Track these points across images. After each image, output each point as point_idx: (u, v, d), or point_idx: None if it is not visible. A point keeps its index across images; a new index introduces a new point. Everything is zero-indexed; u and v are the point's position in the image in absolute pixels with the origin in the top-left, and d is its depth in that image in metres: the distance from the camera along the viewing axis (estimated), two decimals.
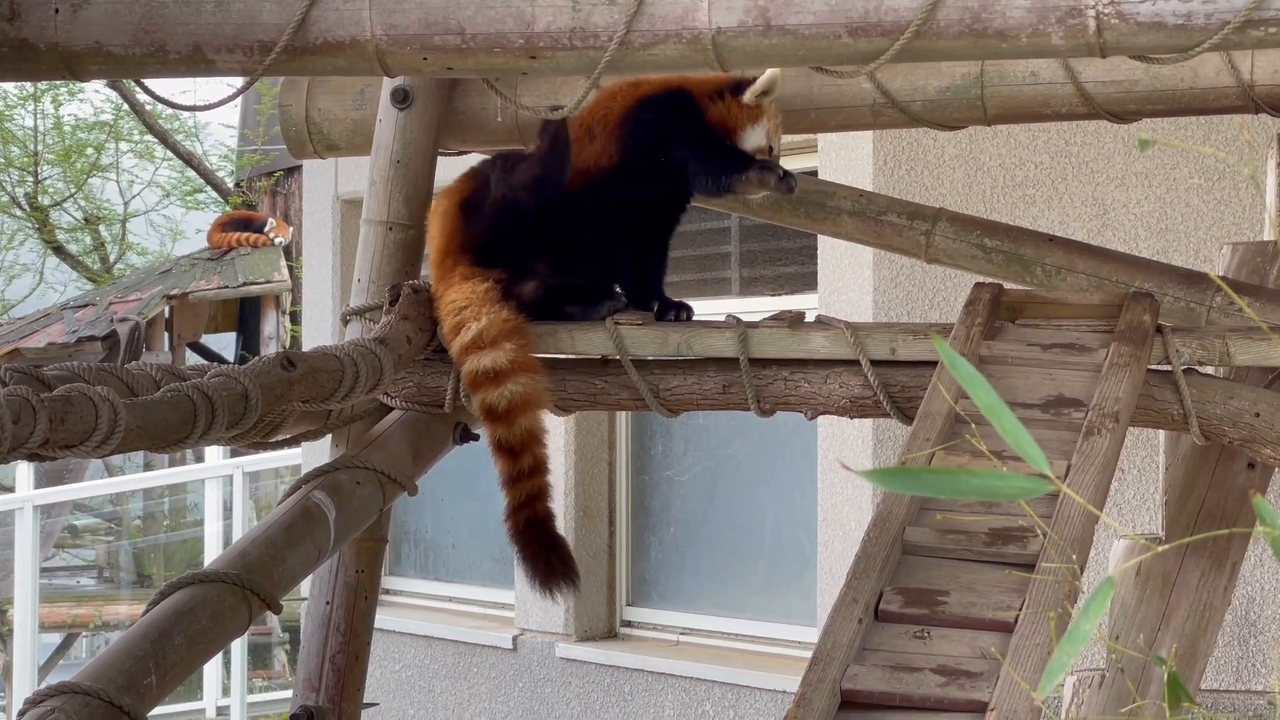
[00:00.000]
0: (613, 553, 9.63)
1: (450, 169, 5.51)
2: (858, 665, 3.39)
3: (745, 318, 4.84)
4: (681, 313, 4.88)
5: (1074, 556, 3.49)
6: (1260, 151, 7.12)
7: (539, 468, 4.71)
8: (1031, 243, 5.12)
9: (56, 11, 3.93)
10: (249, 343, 20.00)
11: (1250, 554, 6.53)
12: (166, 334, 19.11)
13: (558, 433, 9.29)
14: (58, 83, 21.21)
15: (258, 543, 4.25)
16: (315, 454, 8.38)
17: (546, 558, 4.68)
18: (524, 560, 4.71)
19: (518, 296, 4.78)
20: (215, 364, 4.97)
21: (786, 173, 4.78)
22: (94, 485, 17.73)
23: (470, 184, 4.89)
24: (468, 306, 4.73)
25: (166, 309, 18.89)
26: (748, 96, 4.72)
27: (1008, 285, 4.78)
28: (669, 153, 4.77)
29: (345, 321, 5.15)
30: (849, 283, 8.06)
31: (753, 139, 4.77)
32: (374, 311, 5.02)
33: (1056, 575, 3.46)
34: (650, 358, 4.86)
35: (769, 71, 4.66)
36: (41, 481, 16.06)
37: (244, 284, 19.08)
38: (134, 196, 25.60)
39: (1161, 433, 5.26)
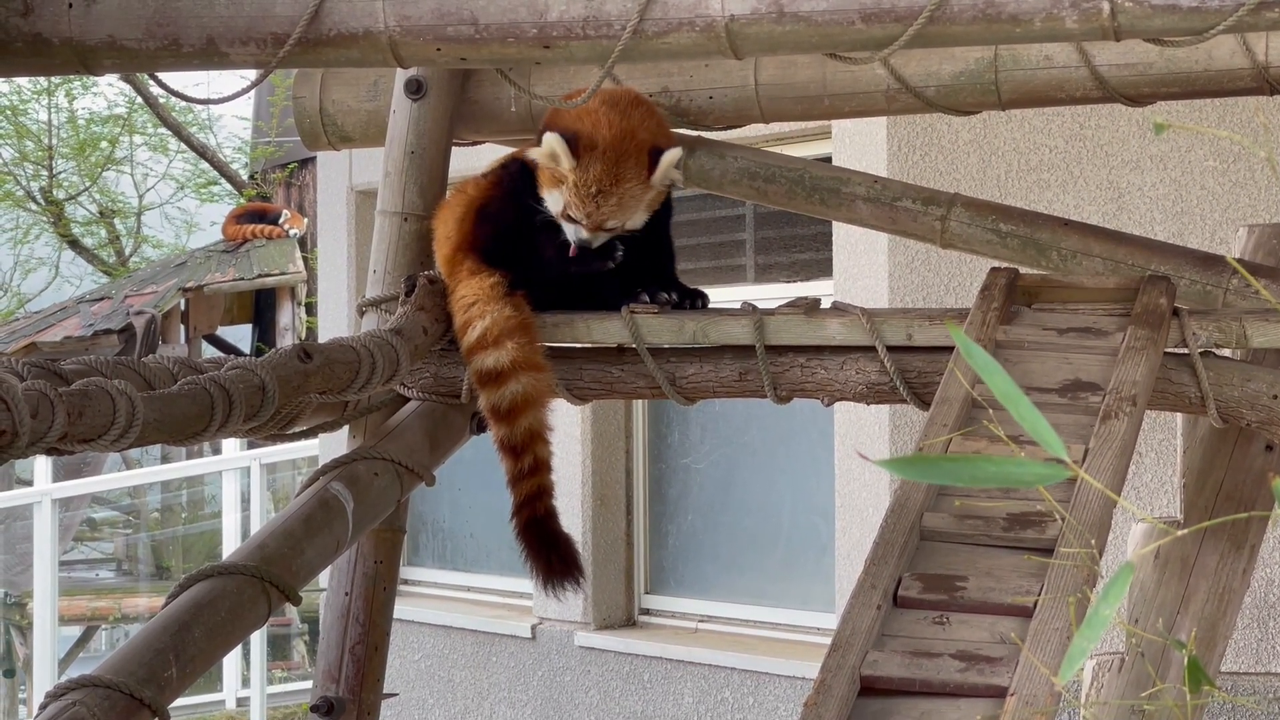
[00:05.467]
0: (630, 541, 9.64)
1: (465, 159, 5.51)
2: (877, 651, 3.39)
3: (761, 304, 4.84)
4: (698, 300, 4.89)
5: (1093, 541, 3.49)
6: (1275, 133, 7.10)
7: (540, 467, 4.71)
8: (1047, 227, 5.11)
9: (70, 6, 3.94)
10: (265, 334, 20.03)
11: (1269, 536, 6.54)
12: (182, 326, 19.14)
13: (574, 421, 9.30)
14: (71, 76, 21.21)
15: (276, 535, 4.25)
16: (332, 445, 8.39)
17: (547, 556, 4.69)
18: (527, 559, 4.73)
19: (528, 288, 4.79)
20: (232, 356, 4.97)
21: (579, 243, 4.73)
22: (112, 478, 17.78)
23: (491, 191, 4.88)
24: (475, 303, 4.73)
25: (182, 301, 18.92)
26: (534, 154, 4.67)
27: (1023, 270, 4.77)
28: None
29: (361, 313, 5.15)
30: (864, 269, 8.06)
31: (551, 203, 4.72)
32: (390, 302, 5.02)
33: (1075, 560, 3.46)
34: (666, 346, 4.86)
35: (549, 137, 4.58)
36: (59, 475, 16.10)
37: (259, 276, 19.12)
38: (148, 189, 25.66)
39: (1179, 416, 5.26)
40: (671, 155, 4.70)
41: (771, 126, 6.26)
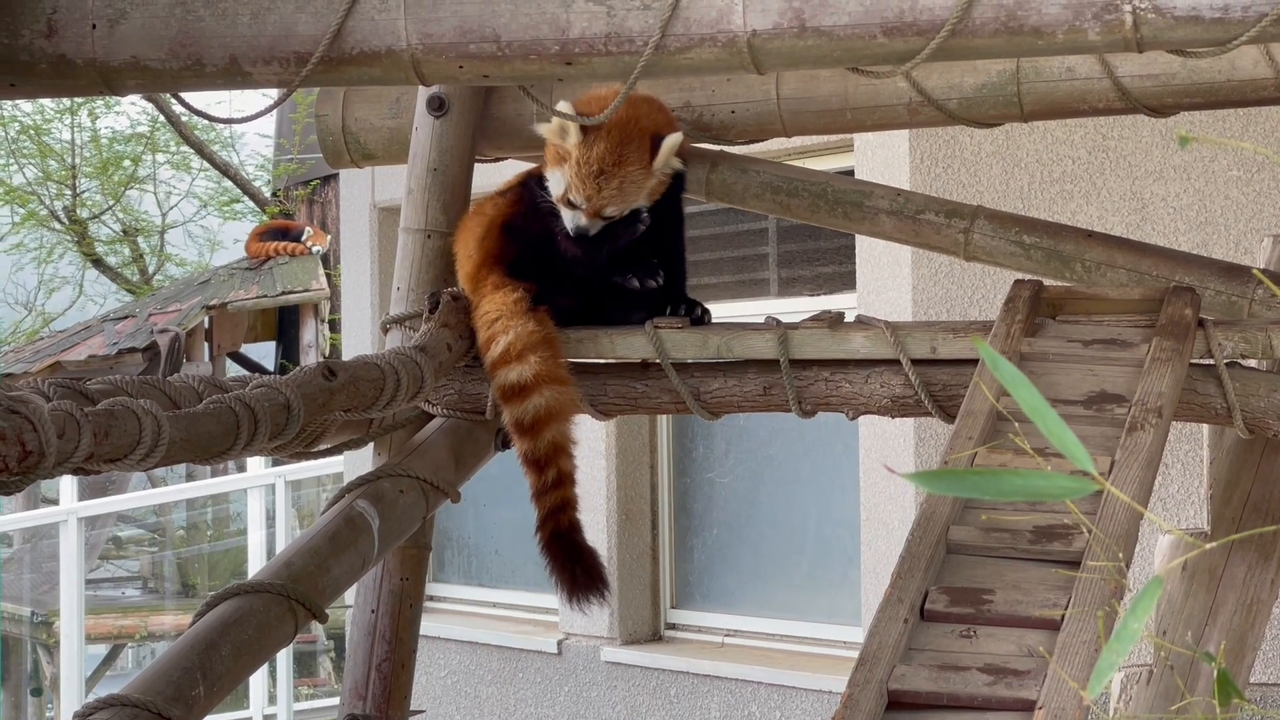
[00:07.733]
0: (656, 555, 9.63)
1: (487, 175, 5.52)
2: (904, 665, 3.38)
3: (784, 319, 4.84)
4: (695, 310, 4.88)
5: (1120, 553, 3.48)
6: None
7: (563, 480, 4.71)
8: (1070, 238, 5.11)
9: (94, 27, 3.94)
10: (288, 351, 20.07)
11: None
12: (206, 344, 19.20)
13: (599, 436, 9.30)
14: (94, 97, 21.29)
15: (302, 552, 4.26)
16: (357, 463, 8.40)
17: (572, 570, 4.69)
18: (552, 572, 4.73)
19: (552, 303, 4.79)
20: (256, 374, 4.98)
21: (576, 231, 4.73)
22: (137, 496, 17.81)
23: (513, 207, 4.88)
24: (499, 318, 4.73)
25: (206, 319, 18.98)
26: (543, 130, 4.68)
27: (1047, 282, 4.77)
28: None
29: (385, 330, 5.16)
30: (888, 282, 8.05)
31: (553, 184, 4.74)
32: (414, 319, 5.03)
33: (1102, 572, 3.45)
34: (690, 360, 4.86)
35: (561, 105, 4.56)
36: (85, 494, 16.14)
37: (282, 293, 19.16)
38: (172, 208, 25.75)
39: (1205, 427, 5.24)
40: (672, 140, 4.71)
41: (793, 140, 6.27)
